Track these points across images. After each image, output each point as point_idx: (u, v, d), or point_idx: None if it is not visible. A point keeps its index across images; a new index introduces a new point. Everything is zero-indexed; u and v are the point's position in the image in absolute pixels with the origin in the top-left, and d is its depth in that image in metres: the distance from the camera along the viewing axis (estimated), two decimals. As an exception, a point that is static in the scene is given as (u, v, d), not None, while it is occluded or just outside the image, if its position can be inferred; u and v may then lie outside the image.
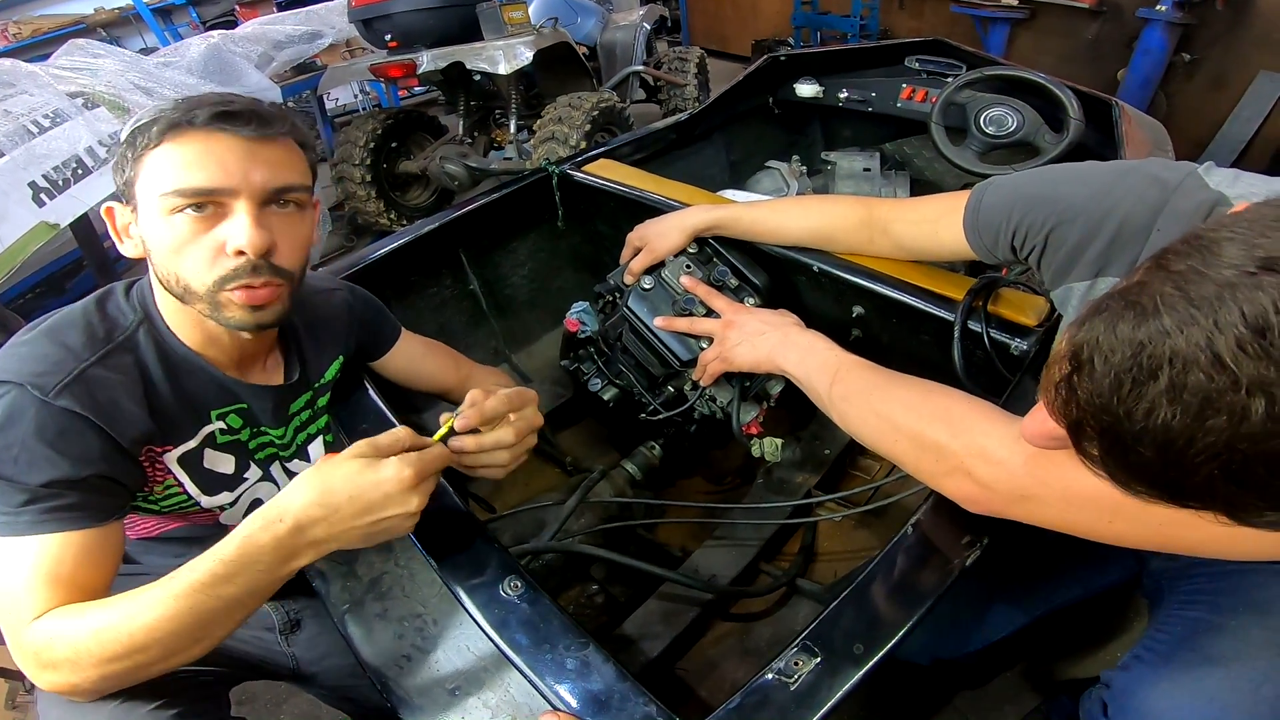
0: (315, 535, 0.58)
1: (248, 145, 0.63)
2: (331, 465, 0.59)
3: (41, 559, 0.58)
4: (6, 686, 1.29)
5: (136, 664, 0.56)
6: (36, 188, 1.73)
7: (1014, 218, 0.74)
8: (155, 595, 0.55)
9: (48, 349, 0.62)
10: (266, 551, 0.56)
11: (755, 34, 5.43)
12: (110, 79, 2.01)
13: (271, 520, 0.57)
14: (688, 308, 1.00)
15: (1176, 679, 0.63)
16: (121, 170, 0.65)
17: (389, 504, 0.58)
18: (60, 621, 0.56)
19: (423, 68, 2.51)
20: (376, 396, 0.88)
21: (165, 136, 0.61)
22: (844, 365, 0.74)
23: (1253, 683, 0.60)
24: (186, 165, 0.61)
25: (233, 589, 0.56)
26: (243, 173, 0.62)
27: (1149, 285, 0.35)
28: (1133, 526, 0.50)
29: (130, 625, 0.54)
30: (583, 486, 1.07)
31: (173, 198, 0.61)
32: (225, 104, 0.63)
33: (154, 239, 0.64)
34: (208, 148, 0.61)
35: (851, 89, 1.84)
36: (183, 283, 0.64)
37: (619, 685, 0.55)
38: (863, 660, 0.52)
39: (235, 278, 0.63)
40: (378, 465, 0.58)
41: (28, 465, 0.58)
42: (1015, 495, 0.55)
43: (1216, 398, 0.32)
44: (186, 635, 0.56)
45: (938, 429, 0.60)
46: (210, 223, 0.63)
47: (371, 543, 0.61)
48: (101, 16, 4.20)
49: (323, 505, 0.57)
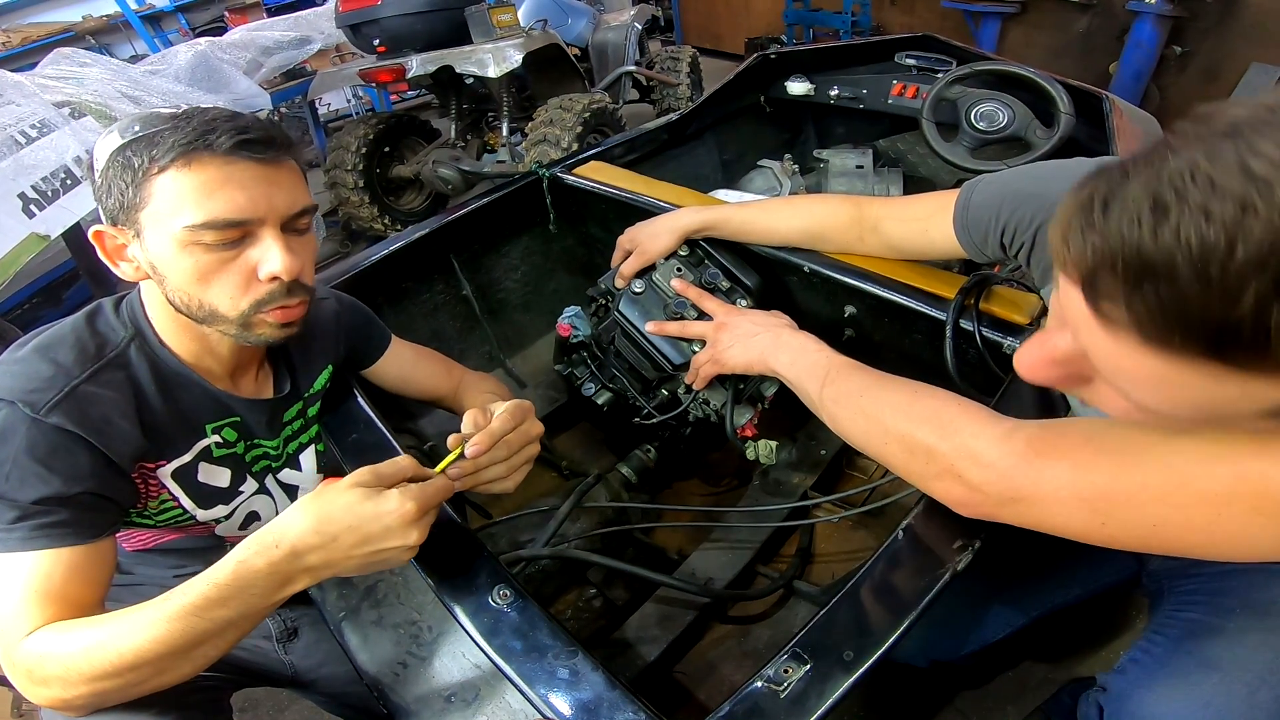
0: (310, 562, 0.57)
1: (265, 171, 0.62)
2: (333, 493, 0.57)
3: (33, 575, 0.58)
4: (11, 695, 1.29)
5: (128, 682, 0.55)
6: (26, 199, 1.72)
7: (1003, 215, 0.74)
8: (148, 616, 0.55)
9: (38, 366, 0.61)
10: (261, 577, 0.55)
11: (748, 32, 5.44)
12: (97, 88, 2.00)
13: (268, 546, 0.56)
14: (679, 311, 1.00)
15: (1172, 683, 0.63)
16: (116, 192, 0.61)
17: (389, 536, 0.57)
18: (51, 638, 0.56)
19: (412, 72, 2.50)
20: (366, 405, 0.88)
21: (176, 161, 0.59)
22: (835, 367, 0.74)
23: (1248, 687, 0.59)
24: (209, 195, 0.60)
25: (226, 612, 0.55)
26: (267, 200, 0.62)
27: (1156, 146, 0.33)
28: (1126, 529, 0.49)
29: (120, 645, 0.54)
30: (577, 491, 1.07)
31: (200, 231, 0.60)
32: (242, 130, 0.61)
33: (172, 267, 0.62)
34: (229, 175, 0.60)
35: (843, 86, 1.84)
36: (208, 308, 0.64)
37: (609, 693, 0.55)
38: (853, 667, 0.52)
39: (271, 301, 0.65)
40: (379, 497, 0.57)
41: (19, 482, 0.57)
42: (1005, 497, 0.54)
43: (1255, 201, 0.29)
44: (179, 656, 0.55)
45: (926, 431, 0.59)
46: (237, 250, 0.63)
47: (367, 571, 0.60)
48: (90, 24, 4.17)
49: (320, 534, 0.56)
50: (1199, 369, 0.34)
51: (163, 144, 0.59)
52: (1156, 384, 0.37)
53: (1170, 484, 0.46)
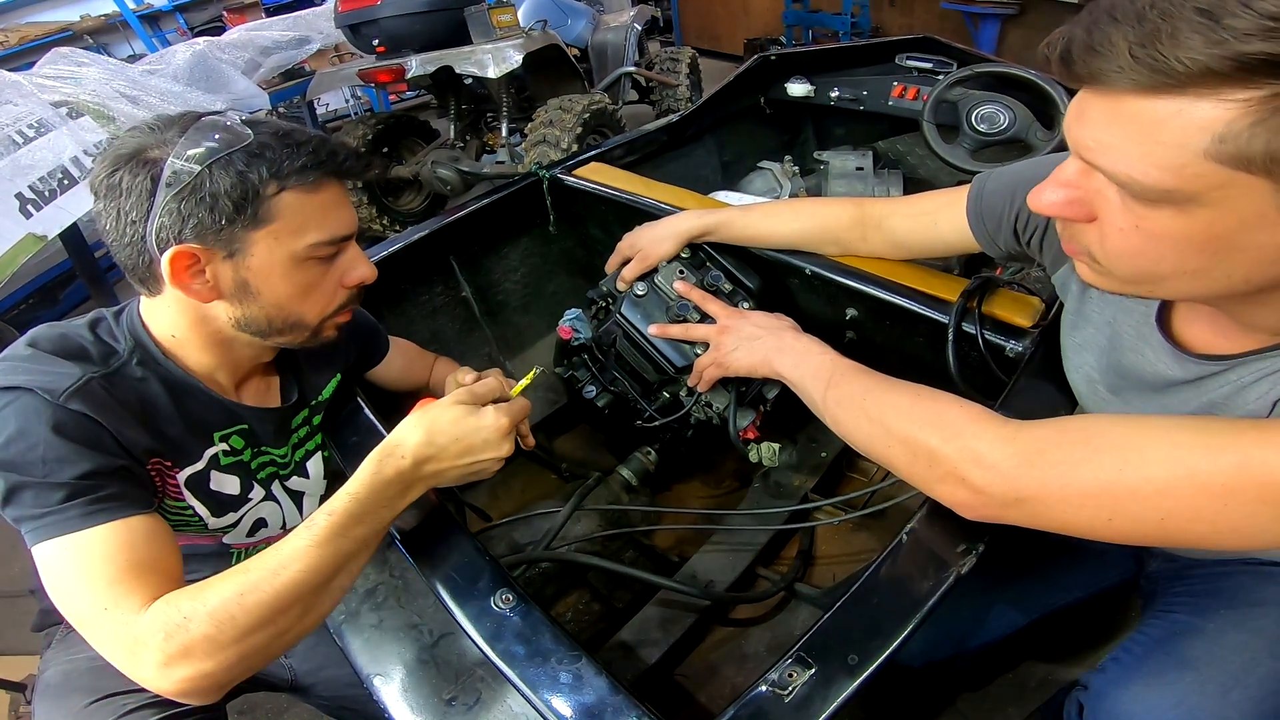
0: (426, 471, 0.63)
1: (343, 190, 0.68)
2: (437, 409, 0.64)
3: (113, 548, 0.55)
4: (9, 698, 1.28)
5: (278, 630, 0.54)
6: (23, 199, 1.72)
7: (1017, 201, 0.74)
8: (293, 547, 0.56)
9: (52, 361, 0.60)
10: (392, 485, 0.61)
11: (747, 33, 5.44)
12: (95, 87, 1.99)
13: (394, 456, 0.61)
14: (682, 314, 0.99)
15: (1149, 682, 0.64)
16: (215, 211, 0.59)
17: (487, 448, 0.64)
18: (184, 601, 0.52)
19: (411, 72, 2.50)
20: (367, 408, 0.88)
21: (306, 183, 0.62)
22: (838, 370, 0.74)
23: (1222, 687, 0.60)
24: (326, 213, 0.65)
25: (363, 529, 0.59)
26: (352, 216, 0.69)
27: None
28: (1133, 524, 0.49)
29: (275, 583, 0.53)
30: (578, 493, 1.07)
31: (324, 247, 0.65)
32: (335, 152, 0.65)
33: (274, 283, 0.64)
34: (339, 196, 0.66)
35: (843, 88, 1.83)
36: (294, 319, 0.68)
37: (612, 698, 0.55)
38: (858, 671, 0.52)
39: (347, 305, 0.72)
40: (478, 413, 0.65)
41: (57, 463, 0.55)
42: (1010, 499, 0.54)
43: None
44: (322, 589, 0.57)
45: (929, 434, 0.59)
46: (330, 263, 0.68)
47: (462, 483, 0.67)
48: (88, 24, 4.16)
49: (431, 444, 0.62)
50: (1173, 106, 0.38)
51: (284, 164, 0.61)
52: (1133, 137, 0.40)
53: (1175, 477, 0.46)
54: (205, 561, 0.80)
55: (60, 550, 0.55)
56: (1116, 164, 0.42)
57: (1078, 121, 0.44)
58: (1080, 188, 0.46)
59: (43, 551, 0.55)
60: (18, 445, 0.55)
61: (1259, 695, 0.60)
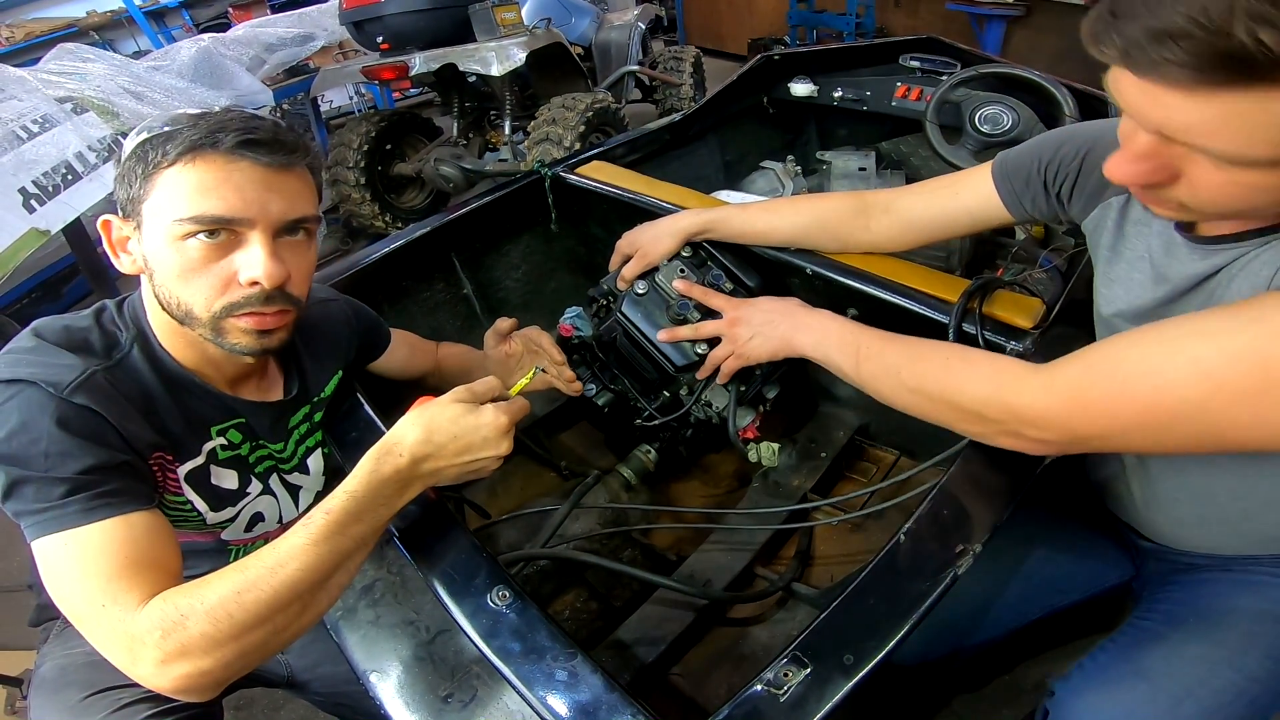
0: (424, 469, 0.62)
1: (267, 174, 0.62)
2: (436, 408, 0.64)
3: (114, 544, 0.55)
4: (5, 692, 1.28)
5: (275, 628, 0.54)
6: (26, 194, 1.72)
7: (1044, 155, 0.76)
8: (290, 546, 0.55)
9: (55, 354, 0.60)
10: (390, 483, 0.60)
11: (751, 32, 5.44)
12: (99, 83, 2.00)
13: (392, 454, 0.61)
14: (682, 312, 0.99)
15: (1105, 691, 0.65)
16: (128, 184, 0.62)
17: (485, 446, 0.64)
18: (181, 599, 0.52)
19: (415, 70, 2.50)
20: (370, 409, 0.88)
21: (183, 157, 0.60)
22: (863, 343, 0.75)
23: (1173, 699, 0.61)
24: (204, 191, 0.60)
25: (361, 527, 0.59)
26: (261, 203, 0.62)
27: None
28: (1185, 439, 0.51)
29: (274, 580, 0.53)
30: (576, 491, 1.07)
31: (187, 224, 0.60)
32: (250, 130, 0.61)
33: (159, 261, 0.62)
34: (228, 175, 0.60)
35: (846, 88, 1.83)
36: (184, 307, 0.63)
37: (607, 696, 0.55)
38: (853, 671, 0.52)
39: (245, 305, 0.64)
40: (477, 411, 0.64)
41: (59, 457, 0.55)
42: (1069, 441, 0.58)
43: None
44: (319, 586, 0.57)
45: (969, 399, 0.62)
46: (222, 250, 0.62)
47: (460, 481, 0.67)
48: (94, 19, 4.17)
49: (429, 442, 0.62)
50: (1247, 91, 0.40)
51: (175, 140, 0.60)
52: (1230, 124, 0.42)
53: (1205, 391, 0.48)
54: (203, 558, 0.80)
55: (60, 545, 0.55)
56: (1216, 143, 0.44)
57: (1152, 106, 0.45)
58: (1159, 156, 0.48)
59: (42, 546, 0.55)
60: (20, 439, 0.55)
61: (1212, 707, 0.61)
